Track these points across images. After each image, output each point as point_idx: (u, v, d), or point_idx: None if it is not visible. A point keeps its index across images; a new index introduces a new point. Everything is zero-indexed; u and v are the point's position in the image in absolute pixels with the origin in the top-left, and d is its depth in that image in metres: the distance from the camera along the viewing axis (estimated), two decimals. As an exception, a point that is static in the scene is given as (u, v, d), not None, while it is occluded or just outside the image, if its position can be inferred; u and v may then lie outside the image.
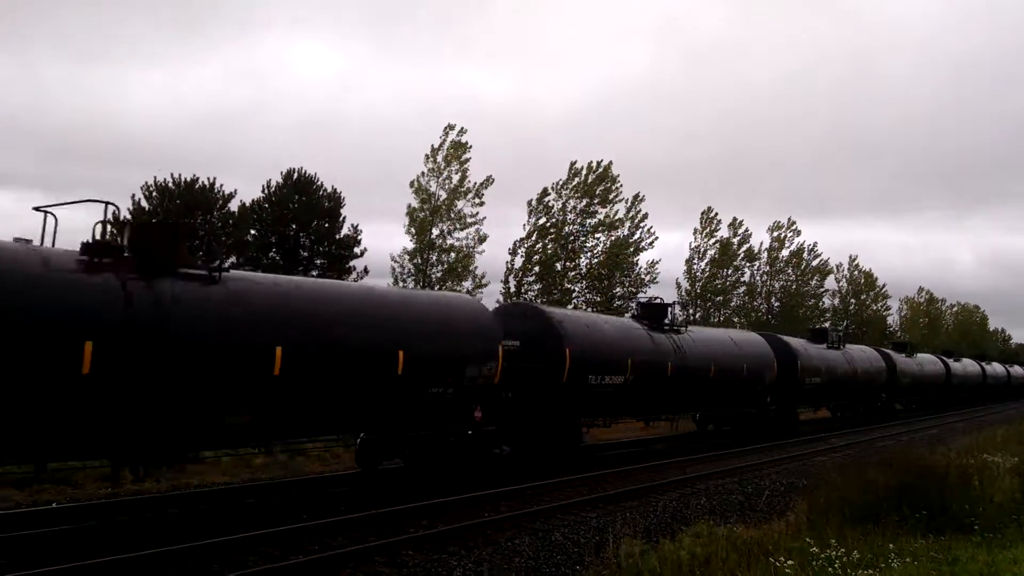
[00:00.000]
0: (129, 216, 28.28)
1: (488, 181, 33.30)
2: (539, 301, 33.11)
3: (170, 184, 30.51)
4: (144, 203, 29.93)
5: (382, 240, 73.46)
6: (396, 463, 15.13)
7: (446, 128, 33.19)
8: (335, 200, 33.38)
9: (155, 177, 30.39)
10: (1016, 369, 74.21)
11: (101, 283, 9.63)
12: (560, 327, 16.98)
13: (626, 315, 31.27)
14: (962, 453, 16.03)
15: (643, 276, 38.37)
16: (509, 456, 16.86)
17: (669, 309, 21.78)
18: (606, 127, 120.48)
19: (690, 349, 21.10)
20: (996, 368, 64.80)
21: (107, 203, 10.78)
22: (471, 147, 33.16)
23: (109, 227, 10.71)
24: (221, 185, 31.46)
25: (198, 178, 30.98)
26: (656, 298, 22.23)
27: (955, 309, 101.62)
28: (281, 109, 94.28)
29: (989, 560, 8.50)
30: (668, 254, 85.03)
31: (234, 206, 31.79)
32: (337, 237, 33.25)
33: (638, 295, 36.18)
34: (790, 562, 8.03)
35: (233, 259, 29.82)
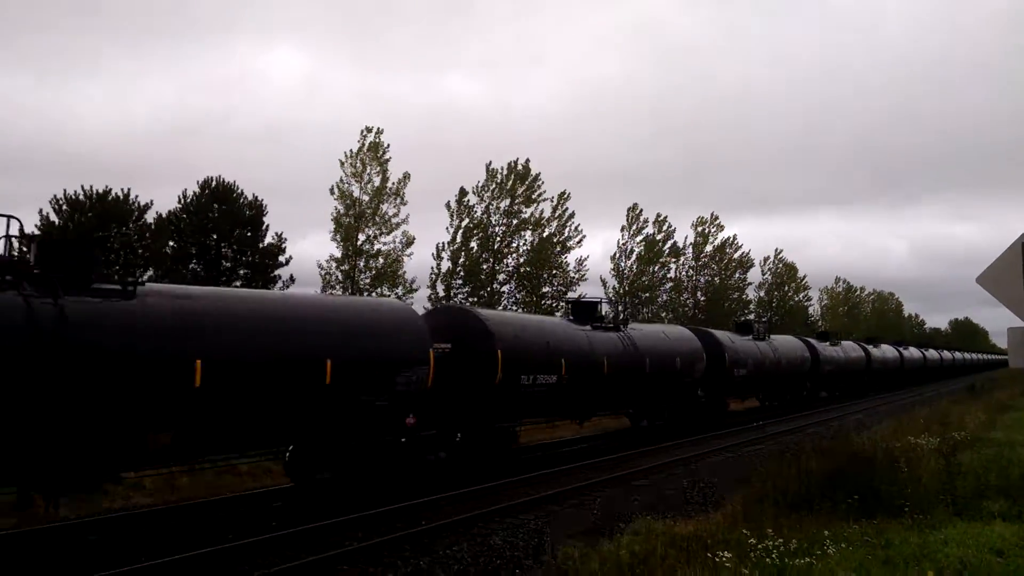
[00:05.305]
0: (37, 231, 27.21)
1: (405, 178, 32.94)
2: (469, 303, 32.88)
3: (81, 197, 29.34)
4: (53, 217, 28.70)
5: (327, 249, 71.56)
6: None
7: (363, 131, 32.79)
8: (257, 208, 32.48)
9: (64, 190, 29.22)
10: (931, 353, 77.17)
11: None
12: (491, 328, 16.77)
13: (557, 314, 31.48)
14: (887, 437, 16.40)
15: (572, 275, 38.52)
16: (446, 461, 16.61)
17: (599, 306, 22.36)
18: (576, 130, 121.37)
19: (627, 345, 21.44)
20: (913, 352, 67.21)
21: (9, 217, 10.26)
22: (389, 146, 32.88)
23: (17, 243, 10.26)
24: (136, 196, 30.38)
25: (111, 189, 29.87)
26: (585, 296, 22.56)
27: (872, 297, 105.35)
28: (243, 121, 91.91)
29: (920, 542, 8.62)
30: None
31: (151, 217, 30.69)
32: (260, 246, 32.38)
33: (568, 294, 36.35)
34: (728, 554, 8.00)
35: (151, 272, 28.81)
